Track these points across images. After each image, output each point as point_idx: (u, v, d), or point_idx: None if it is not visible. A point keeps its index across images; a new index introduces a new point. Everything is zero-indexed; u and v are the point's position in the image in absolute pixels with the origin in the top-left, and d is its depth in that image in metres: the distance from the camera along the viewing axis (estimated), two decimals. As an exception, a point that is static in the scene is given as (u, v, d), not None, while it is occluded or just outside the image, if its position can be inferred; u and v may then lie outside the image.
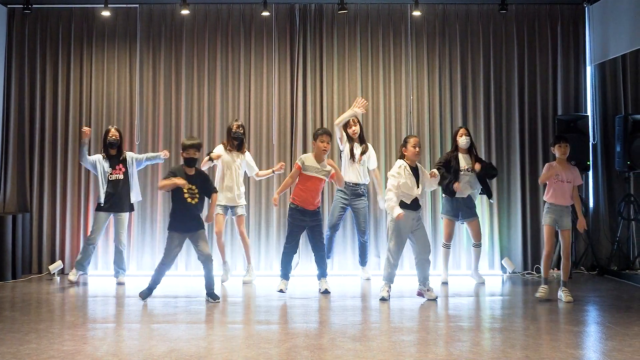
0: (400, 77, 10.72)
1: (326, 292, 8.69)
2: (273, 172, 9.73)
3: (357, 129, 9.71)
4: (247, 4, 10.72)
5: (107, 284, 9.36)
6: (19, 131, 10.61)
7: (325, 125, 10.45)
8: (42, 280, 9.93)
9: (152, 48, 10.73)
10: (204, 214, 8.39)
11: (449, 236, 9.73)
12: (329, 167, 8.73)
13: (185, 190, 8.03)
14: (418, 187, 8.17)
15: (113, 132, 9.59)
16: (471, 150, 9.58)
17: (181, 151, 8.34)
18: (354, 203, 9.63)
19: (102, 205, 9.48)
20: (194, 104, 10.66)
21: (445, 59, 10.77)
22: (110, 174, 9.52)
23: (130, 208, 9.72)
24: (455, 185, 9.28)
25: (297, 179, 8.69)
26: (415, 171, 8.18)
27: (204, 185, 8.26)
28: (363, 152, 9.68)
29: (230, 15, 10.76)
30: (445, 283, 9.52)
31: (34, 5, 10.41)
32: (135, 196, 9.73)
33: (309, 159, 8.69)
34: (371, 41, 10.77)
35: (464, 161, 9.48)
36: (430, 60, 10.79)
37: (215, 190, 8.47)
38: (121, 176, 9.54)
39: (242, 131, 9.65)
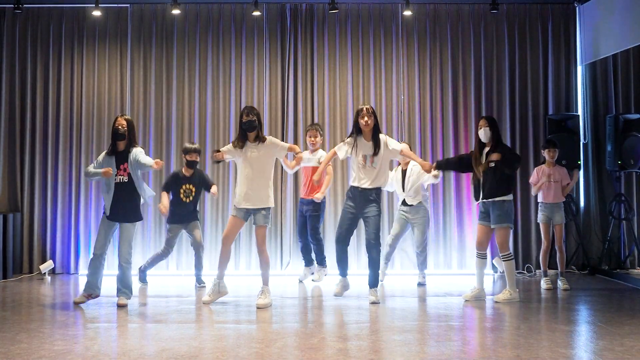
0: (391, 77, 10.74)
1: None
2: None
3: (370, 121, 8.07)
4: (238, 4, 10.72)
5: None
6: (10, 131, 10.58)
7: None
8: (33, 280, 9.91)
9: (143, 48, 10.72)
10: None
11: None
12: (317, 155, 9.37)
13: (181, 192, 9.20)
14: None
15: (120, 121, 7.82)
16: None
17: (183, 154, 9.35)
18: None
19: (107, 215, 7.81)
20: (185, 104, 10.65)
21: (436, 58, 10.79)
22: (115, 174, 7.77)
23: (136, 217, 7.90)
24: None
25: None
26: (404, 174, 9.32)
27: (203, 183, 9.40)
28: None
29: (221, 15, 10.76)
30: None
31: (24, 5, 10.37)
32: (147, 192, 8.02)
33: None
34: (362, 41, 10.78)
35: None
36: (421, 60, 10.80)
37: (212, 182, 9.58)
38: (126, 178, 7.76)
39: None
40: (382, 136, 8.08)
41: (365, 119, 7.94)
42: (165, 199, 9.11)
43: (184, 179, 9.21)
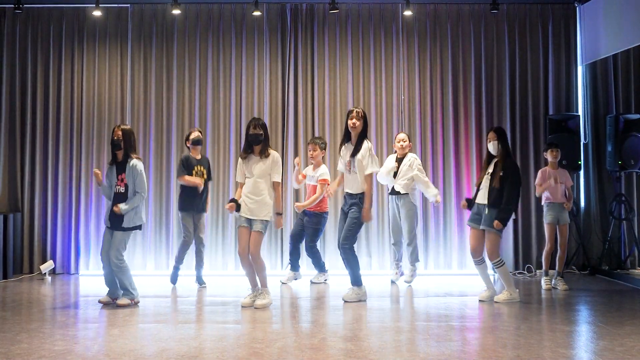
0: (392, 77, 10.73)
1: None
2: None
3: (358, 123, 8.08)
4: (239, 4, 10.71)
5: (98, 284, 9.30)
6: (10, 131, 10.58)
7: (315, 125, 10.48)
8: (33, 280, 9.91)
9: (143, 48, 10.71)
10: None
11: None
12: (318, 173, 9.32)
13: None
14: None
15: (116, 132, 7.89)
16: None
17: (185, 141, 9.45)
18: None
19: (107, 226, 7.93)
20: (185, 104, 10.65)
21: (436, 58, 10.78)
22: (116, 184, 7.89)
23: (126, 227, 7.84)
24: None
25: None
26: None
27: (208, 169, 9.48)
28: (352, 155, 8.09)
29: (222, 15, 10.75)
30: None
31: (24, 5, 10.36)
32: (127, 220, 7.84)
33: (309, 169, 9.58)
34: (362, 41, 10.78)
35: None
36: (422, 60, 10.80)
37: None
38: (122, 189, 7.84)
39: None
40: (366, 145, 8.00)
41: (354, 120, 8.00)
42: (191, 177, 9.12)
43: (195, 161, 9.22)
